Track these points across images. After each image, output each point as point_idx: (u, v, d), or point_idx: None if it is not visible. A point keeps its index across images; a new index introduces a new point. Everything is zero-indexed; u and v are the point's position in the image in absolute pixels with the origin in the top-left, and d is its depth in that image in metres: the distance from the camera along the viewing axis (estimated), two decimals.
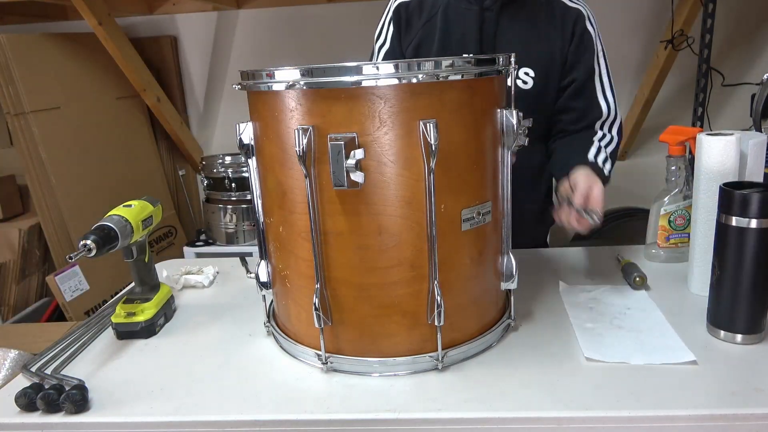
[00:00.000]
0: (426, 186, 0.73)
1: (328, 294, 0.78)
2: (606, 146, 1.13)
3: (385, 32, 1.22)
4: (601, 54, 1.19)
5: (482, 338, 0.83)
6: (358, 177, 0.70)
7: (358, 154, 0.70)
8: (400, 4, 1.20)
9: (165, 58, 2.70)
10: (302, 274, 0.80)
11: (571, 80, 1.17)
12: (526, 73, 1.15)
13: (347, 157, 0.69)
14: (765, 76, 1.09)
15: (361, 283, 0.76)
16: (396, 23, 1.20)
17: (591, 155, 1.08)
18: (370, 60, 1.23)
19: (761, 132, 1.01)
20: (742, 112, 2.51)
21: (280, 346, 0.88)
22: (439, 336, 0.78)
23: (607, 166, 1.08)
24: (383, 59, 1.21)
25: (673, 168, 1.09)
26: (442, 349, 0.78)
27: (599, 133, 1.17)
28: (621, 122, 1.20)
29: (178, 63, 2.74)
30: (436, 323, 0.76)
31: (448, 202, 0.75)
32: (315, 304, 0.76)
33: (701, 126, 2.39)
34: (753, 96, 1.10)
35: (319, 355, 0.80)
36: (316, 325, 0.77)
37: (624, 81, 2.58)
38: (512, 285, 0.86)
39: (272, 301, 0.94)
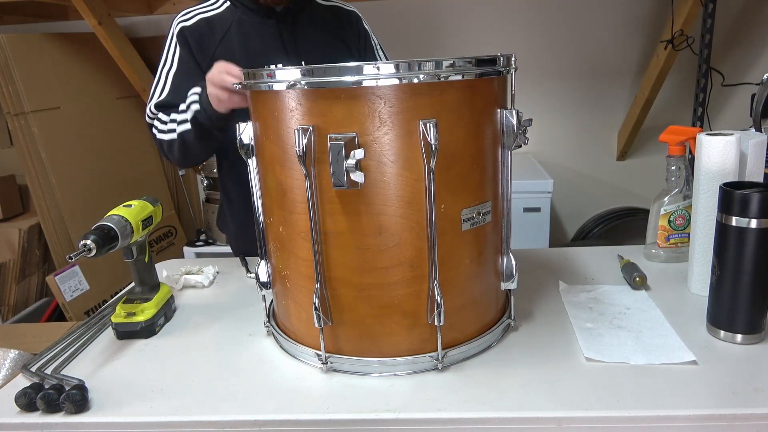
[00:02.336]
0: (426, 186, 0.73)
1: (328, 294, 0.78)
2: None
3: (171, 56, 1.19)
4: (379, 47, 1.38)
5: (482, 338, 0.83)
6: (358, 177, 0.70)
7: (358, 154, 0.70)
8: (183, 28, 1.19)
9: None
10: (302, 274, 0.80)
11: None
12: None
13: (347, 157, 0.69)
14: (765, 76, 1.09)
15: (361, 283, 0.76)
16: (184, 45, 1.18)
17: None
18: (155, 86, 1.19)
19: (761, 132, 1.01)
20: (742, 112, 2.52)
21: (280, 346, 0.88)
22: (439, 336, 0.78)
23: None
24: (173, 81, 1.18)
25: (673, 168, 1.09)
26: (442, 349, 0.78)
27: None
28: None
29: None
30: (436, 323, 0.76)
31: (448, 202, 0.75)
32: (315, 304, 0.76)
33: (701, 126, 2.39)
34: (753, 96, 1.10)
35: (319, 355, 0.80)
36: (316, 325, 0.77)
37: (624, 81, 2.59)
38: (512, 285, 0.86)
39: (272, 301, 0.94)
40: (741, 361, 0.78)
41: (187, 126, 1.09)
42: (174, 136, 1.13)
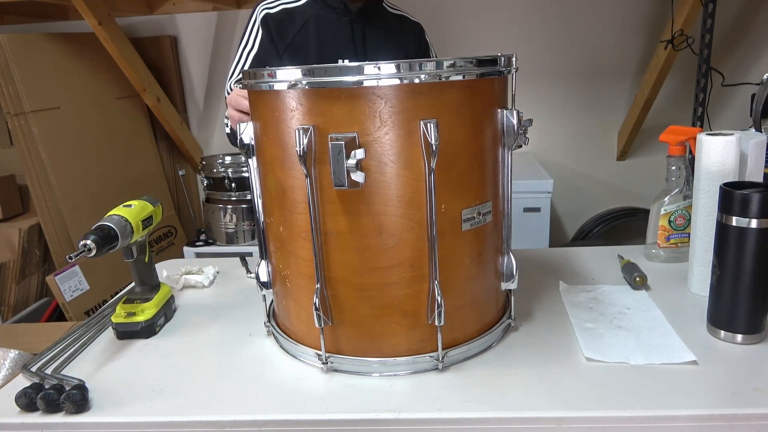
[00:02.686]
0: (426, 186, 0.73)
1: (329, 294, 0.78)
2: None
3: (254, 38, 1.30)
4: (434, 55, 1.46)
5: (482, 338, 0.83)
6: (358, 177, 0.70)
7: (359, 154, 0.70)
8: (267, 15, 1.29)
9: (165, 58, 2.70)
10: (302, 274, 0.80)
11: None
12: None
13: (348, 157, 0.69)
14: (765, 76, 1.09)
15: (361, 283, 0.76)
16: (266, 30, 1.29)
17: None
18: (236, 64, 1.31)
19: (761, 132, 1.01)
20: (742, 112, 2.52)
21: (280, 346, 0.88)
22: (439, 336, 0.78)
23: None
24: (252, 62, 1.29)
25: (673, 168, 1.09)
26: (442, 349, 0.78)
27: None
28: None
29: (178, 63, 2.74)
30: (436, 323, 0.76)
31: (448, 202, 0.75)
32: (315, 304, 0.76)
33: (701, 126, 2.39)
34: (753, 96, 1.10)
35: (319, 355, 0.80)
36: (317, 325, 0.77)
37: (624, 81, 2.59)
38: (512, 285, 0.86)
39: (272, 301, 0.94)
40: (741, 361, 0.78)
41: (228, 130, 1.26)
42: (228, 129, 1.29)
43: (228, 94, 1.30)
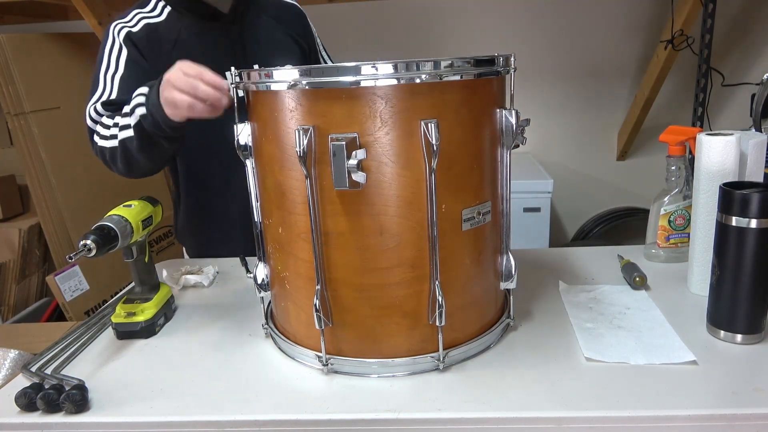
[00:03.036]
0: (427, 186, 0.73)
1: (329, 295, 0.78)
2: None
3: (116, 59, 1.11)
4: (318, 39, 1.40)
5: (482, 338, 0.83)
6: (359, 177, 0.70)
7: (360, 154, 0.70)
8: (129, 33, 1.12)
9: None
10: (302, 276, 0.80)
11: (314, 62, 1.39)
12: None
13: (349, 158, 0.69)
14: (765, 76, 1.09)
15: (361, 283, 0.76)
16: (133, 48, 1.11)
17: None
18: (99, 91, 1.11)
19: (761, 132, 1.01)
20: (742, 112, 2.52)
21: (279, 348, 0.88)
22: (440, 336, 0.78)
23: None
24: (121, 86, 1.09)
25: (673, 168, 1.09)
26: (443, 350, 0.78)
27: None
28: None
29: None
30: (437, 324, 0.76)
31: (448, 202, 0.75)
32: (315, 305, 0.76)
33: (701, 126, 2.40)
34: (753, 96, 1.10)
35: (319, 357, 0.80)
36: (317, 326, 0.77)
37: (624, 81, 2.59)
38: (511, 285, 0.86)
39: (269, 303, 0.94)
40: (741, 361, 0.78)
41: (129, 132, 0.97)
42: (115, 143, 1.02)
43: (92, 121, 1.10)
